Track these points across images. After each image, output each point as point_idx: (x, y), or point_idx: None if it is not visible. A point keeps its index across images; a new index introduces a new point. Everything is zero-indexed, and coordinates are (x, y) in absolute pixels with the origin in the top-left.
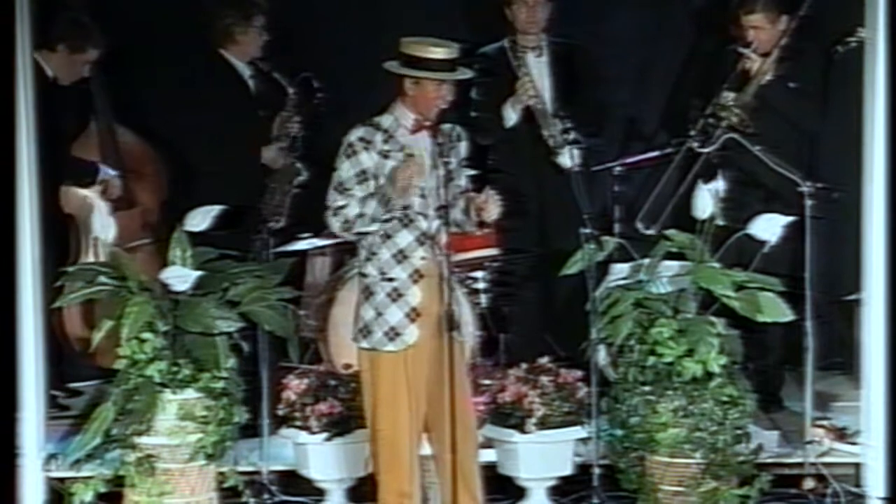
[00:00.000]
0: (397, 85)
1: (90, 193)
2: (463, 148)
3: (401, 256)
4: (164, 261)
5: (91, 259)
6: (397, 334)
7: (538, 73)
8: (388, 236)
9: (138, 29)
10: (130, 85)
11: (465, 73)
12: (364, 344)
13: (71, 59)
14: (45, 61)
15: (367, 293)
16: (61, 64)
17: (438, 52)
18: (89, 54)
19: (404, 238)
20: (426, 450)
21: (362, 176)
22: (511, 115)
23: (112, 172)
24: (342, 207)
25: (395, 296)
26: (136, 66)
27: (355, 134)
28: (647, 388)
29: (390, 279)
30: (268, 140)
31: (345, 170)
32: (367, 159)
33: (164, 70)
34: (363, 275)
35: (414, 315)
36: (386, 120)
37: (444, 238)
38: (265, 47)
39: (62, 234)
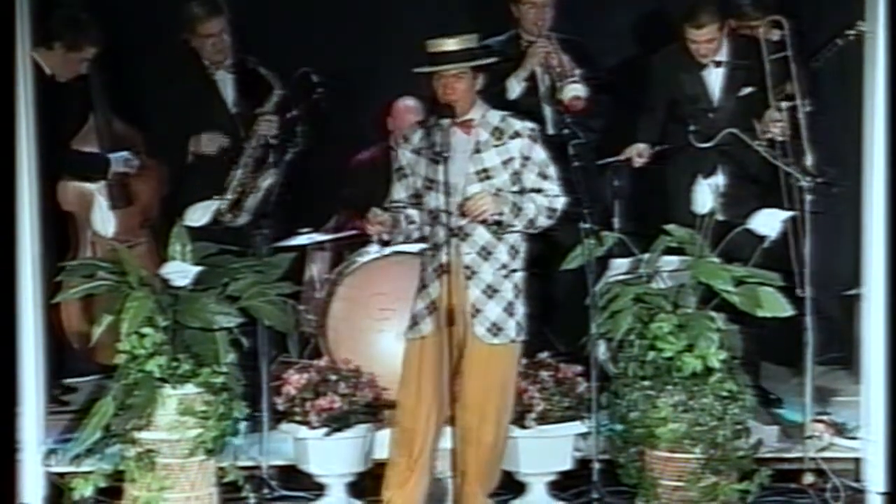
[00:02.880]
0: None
1: (92, 188)
2: (518, 145)
3: (433, 250)
4: (163, 257)
5: (89, 255)
6: (416, 323)
7: None
8: (429, 228)
9: (137, 24)
10: (130, 80)
11: (468, 64)
12: None
13: (68, 57)
14: (42, 59)
15: None
16: (59, 61)
17: (439, 46)
18: (86, 52)
19: (437, 233)
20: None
21: (400, 172)
22: (515, 87)
23: (124, 155)
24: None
25: (421, 286)
26: (135, 62)
27: (402, 131)
28: (646, 383)
29: (423, 270)
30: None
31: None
32: (403, 156)
33: (161, 66)
34: None
35: (432, 307)
36: (432, 118)
37: (478, 235)
38: (246, 42)
39: (61, 231)
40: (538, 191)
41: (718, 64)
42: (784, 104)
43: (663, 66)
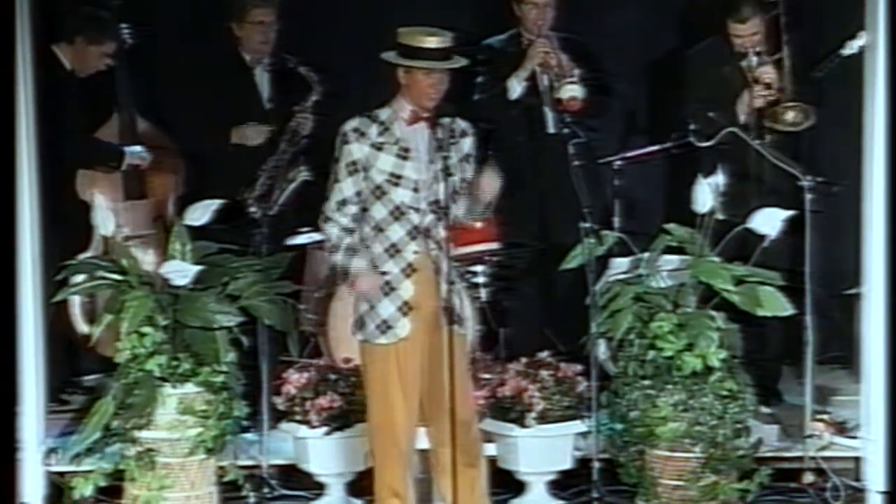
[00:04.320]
0: (394, 76)
1: (98, 183)
2: (467, 143)
3: (393, 251)
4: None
5: (101, 248)
6: (389, 327)
7: None
8: (380, 230)
9: (161, 21)
10: (152, 78)
11: (457, 63)
12: (359, 336)
13: (88, 52)
14: (62, 54)
15: None
16: (79, 56)
17: (428, 41)
18: (107, 46)
19: (396, 232)
20: (426, 444)
21: (352, 167)
22: (516, 87)
23: (138, 149)
24: (332, 222)
25: (388, 289)
26: (157, 59)
27: (350, 124)
28: (646, 383)
29: (383, 273)
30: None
31: (339, 160)
32: (358, 150)
33: (184, 64)
34: None
35: (406, 309)
36: (384, 112)
37: (440, 232)
38: (279, 40)
39: (73, 223)
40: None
41: (759, 54)
42: (770, 56)
43: (702, 58)
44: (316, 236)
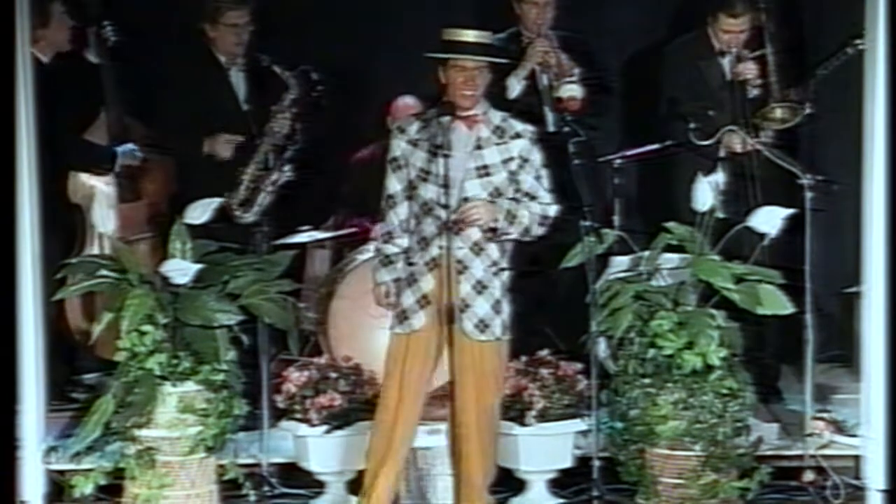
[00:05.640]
0: (437, 77)
1: (95, 182)
2: (518, 146)
3: (424, 244)
4: (166, 254)
5: (96, 250)
6: (406, 318)
7: None
8: (418, 222)
9: (150, 21)
10: (142, 76)
11: (489, 58)
12: (390, 324)
13: (46, 34)
14: (37, 50)
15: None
16: (47, 43)
17: (463, 35)
18: (58, 24)
19: (428, 226)
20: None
21: (395, 163)
22: (515, 86)
23: (129, 147)
24: (391, 239)
25: (411, 280)
26: (145, 58)
27: (396, 122)
28: (647, 381)
29: (411, 264)
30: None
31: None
32: (397, 147)
33: (176, 60)
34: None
35: (424, 301)
36: (431, 111)
37: (472, 232)
38: (257, 39)
39: (69, 224)
40: (533, 197)
41: (741, 50)
42: (752, 53)
43: (680, 55)
44: (316, 234)
